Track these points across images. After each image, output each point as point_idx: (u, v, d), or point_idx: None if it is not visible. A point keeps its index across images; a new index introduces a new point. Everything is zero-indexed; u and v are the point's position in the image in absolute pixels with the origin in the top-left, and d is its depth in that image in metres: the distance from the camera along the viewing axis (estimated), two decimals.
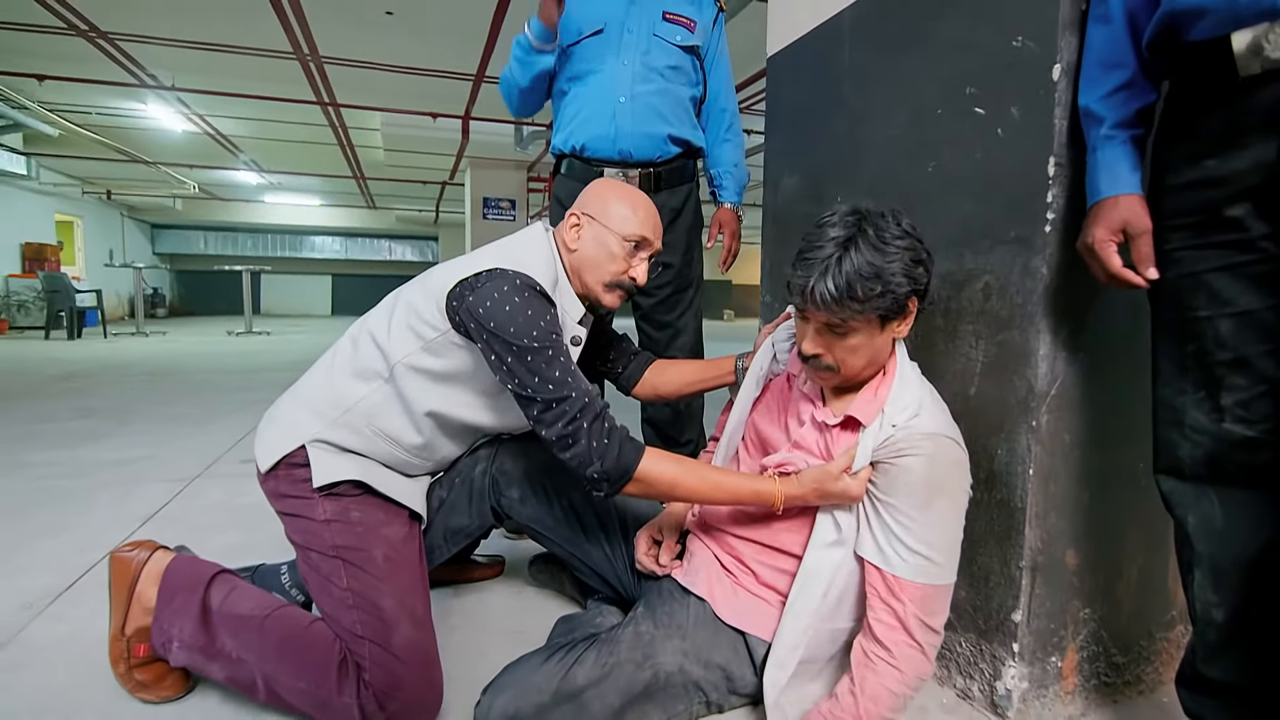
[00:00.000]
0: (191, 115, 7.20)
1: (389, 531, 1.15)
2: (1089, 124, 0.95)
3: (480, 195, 8.77)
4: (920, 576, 0.96)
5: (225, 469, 2.54)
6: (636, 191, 1.25)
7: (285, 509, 1.15)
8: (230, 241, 15.49)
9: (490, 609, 1.48)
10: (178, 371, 5.27)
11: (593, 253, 1.20)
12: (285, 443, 1.14)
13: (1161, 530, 1.20)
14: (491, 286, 1.06)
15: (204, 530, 1.89)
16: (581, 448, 1.04)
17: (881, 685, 0.96)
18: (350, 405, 1.15)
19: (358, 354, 1.17)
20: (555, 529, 1.33)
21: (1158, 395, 0.92)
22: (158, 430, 3.15)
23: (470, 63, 5.47)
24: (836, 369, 1.02)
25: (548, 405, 1.04)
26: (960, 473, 1.00)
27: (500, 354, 1.05)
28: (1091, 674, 1.16)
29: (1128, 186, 0.90)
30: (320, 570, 1.10)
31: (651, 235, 1.22)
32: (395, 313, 1.16)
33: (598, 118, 1.80)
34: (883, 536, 0.99)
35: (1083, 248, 0.94)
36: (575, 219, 1.21)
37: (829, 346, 1.00)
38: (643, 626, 1.06)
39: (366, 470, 1.16)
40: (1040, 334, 1.03)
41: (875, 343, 1.00)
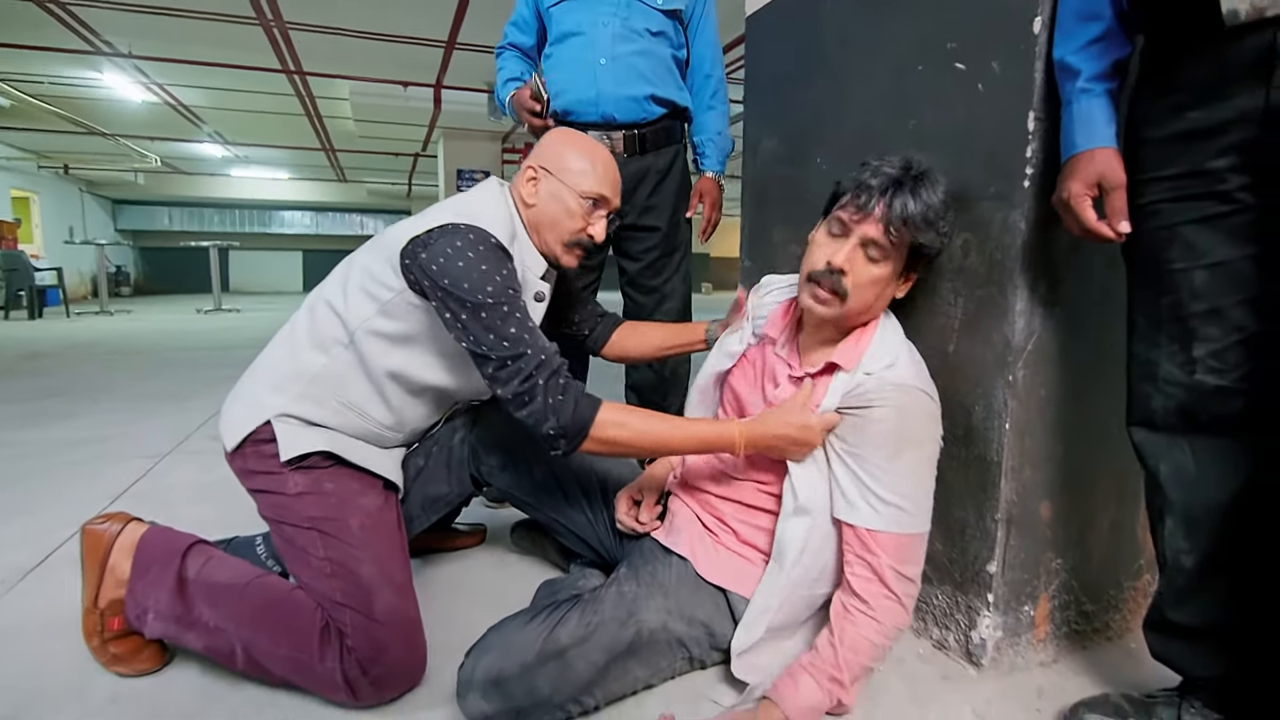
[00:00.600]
0: (150, 85, 6.93)
1: (364, 500, 1.14)
2: (1064, 77, 0.94)
3: (454, 167, 8.59)
4: (893, 526, 0.98)
5: (198, 445, 2.50)
6: (594, 144, 1.22)
7: (256, 486, 1.13)
8: (196, 217, 15.05)
9: (473, 576, 1.48)
10: (146, 350, 5.15)
11: (550, 209, 1.18)
12: (250, 420, 1.12)
13: (1132, 481, 1.23)
14: (444, 242, 1.04)
15: (176, 506, 1.86)
16: (537, 405, 1.02)
17: (860, 636, 0.98)
18: (313, 376, 1.12)
19: (315, 324, 1.15)
20: (536, 494, 1.32)
21: (1132, 350, 0.94)
22: (128, 408, 3.08)
23: (441, 29, 5.32)
24: (846, 294, 1.01)
25: (502, 362, 1.03)
26: (931, 424, 1.02)
27: (454, 311, 1.03)
28: (1062, 622, 1.19)
29: (1103, 140, 0.90)
30: (296, 543, 1.08)
31: (610, 192, 1.20)
32: (350, 277, 1.14)
33: (579, 81, 1.76)
34: (854, 491, 1.00)
35: (1057, 202, 0.95)
36: (531, 172, 1.19)
37: (856, 267, 1.01)
38: (625, 586, 1.06)
39: (335, 442, 1.14)
40: (1018, 289, 1.04)
41: (887, 288, 1.03)
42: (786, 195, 1.56)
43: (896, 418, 0.98)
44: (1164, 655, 0.99)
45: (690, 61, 1.89)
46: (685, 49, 1.87)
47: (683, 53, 1.86)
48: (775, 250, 1.63)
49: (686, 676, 1.10)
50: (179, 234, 14.56)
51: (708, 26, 1.89)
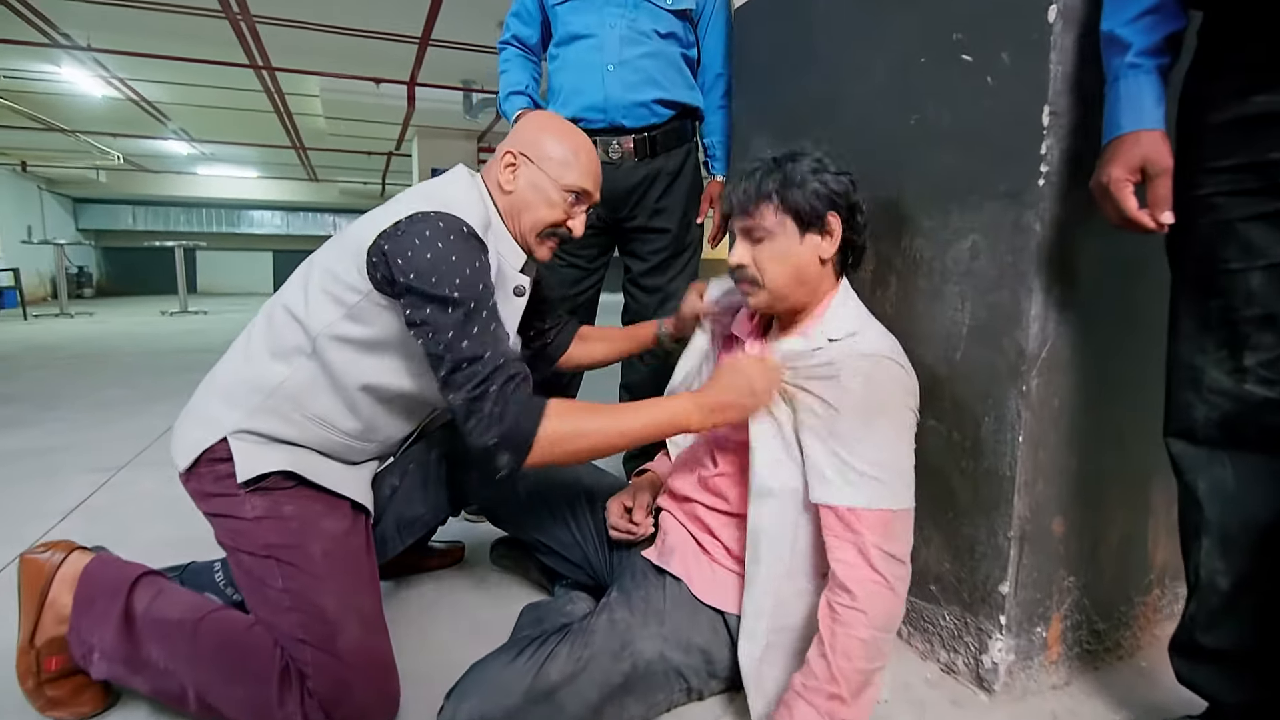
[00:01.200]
0: (112, 79, 6.68)
1: (328, 525, 1.04)
2: (1111, 51, 0.86)
3: (429, 166, 8.43)
4: (874, 501, 0.91)
5: (158, 455, 2.37)
6: (574, 131, 1.15)
7: (211, 510, 1.04)
8: (161, 216, 14.61)
9: (450, 600, 1.39)
10: (107, 354, 4.95)
11: (529, 197, 1.10)
12: (203, 437, 1.02)
13: (1143, 492, 1.18)
14: (412, 232, 0.95)
15: (133, 523, 1.74)
16: (483, 413, 0.93)
17: (851, 636, 0.88)
18: (272, 388, 1.03)
19: (273, 331, 1.05)
20: (519, 512, 1.24)
21: (1174, 353, 0.88)
22: (84, 416, 2.93)
23: (415, 24, 5.18)
24: (760, 281, 1.01)
25: (457, 365, 0.94)
26: (903, 393, 0.97)
27: (416, 305, 0.94)
28: (1074, 642, 1.14)
29: (1151, 121, 0.83)
30: (253, 573, 0.99)
31: (592, 186, 1.13)
32: (311, 279, 1.04)
33: (586, 87, 1.69)
34: (829, 467, 0.93)
35: (1095, 187, 0.87)
36: (510, 157, 1.10)
37: (751, 256, 1.02)
38: (618, 613, 0.98)
39: (298, 460, 1.05)
40: (1032, 294, 0.98)
41: (797, 255, 1.00)
42: None
43: (865, 386, 0.93)
44: (1190, 680, 0.94)
45: (701, 61, 1.81)
46: (696, 48, 1.80)
47: (693, 51, 1.79)
48: None
49: (683, 709, 1.03)
50: (143, 233, 14.13)
51: (719, 25, 1.81)
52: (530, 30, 1.81)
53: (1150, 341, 1.11)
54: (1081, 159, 0.97)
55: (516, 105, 1.78)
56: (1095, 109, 0.97)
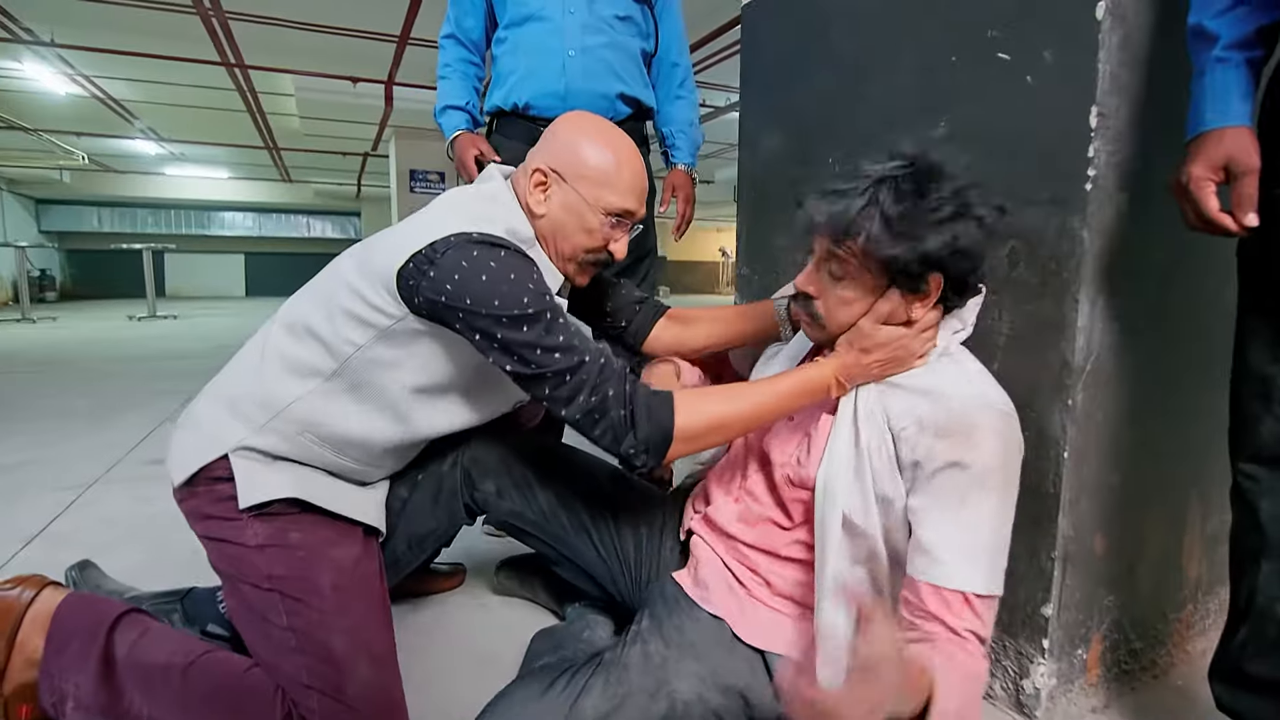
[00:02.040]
0: (76, 76, 6.46)
1: (338, 553, 0.97)
2: (1198, 45, 0.81)
3: (406, 167, 8.29)
4: (990, 589, 0.79)
5: (128, 471, 2.25)
6: (618, 137, 1.00)
7: (208, 532, 0.95)
8: (128, 218, 14.21)
9: (455, 626, 1.31)
10: (71, 361, 4.75)
11: (563, 223, 0.99)
12: (204, 452, 0.94)
13: (1178, 506, 1.15)
14: (456, 255, 0.86)
15: (104, 548, 1.62)
16: (611, 419, 0.87)
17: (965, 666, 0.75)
18: (282, 408, 0.95)
19: (295, 347, 0.96)
20: (539, 525, 1.15)
21: (1245, 363, 0.83)
22: (47, 430, 2.78)
23: (394, 22, 5.08)
24: (822, 320, 0.90)
25: (561, 379, 0.87)
26: (1017, 457, 0.84)
27: (488, 331, 0.86)
28: (1113, 663, 1.10)
29: (1237, 117, 0.78)
30: (254, 607, 0.91)
31: (636, 203, 1.01)
32: (335, 298, 0.94)
33: (544, 72, 1.61)
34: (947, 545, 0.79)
35: (1175, 186, 0.82)
36: (541, 176, 0.98)
37: (822, 289, 0.89)
38: (651, 645, 0.92)
39: (305, 483, 0.97)
40: (1078, 303, 0.94)
41: (873, 310, 0.86)
42: (792, 195, 1.44)
43: (1003, 451, 0.81)
44: (1232, 707, 0.90)
45: (657, 49, 1.76)
46: (653, 39, 1.75)
47: (650, 43, 1.74)
48: (778, 255, 1.51)
49: None
50: (109, 235, 13.72)
51: (673, 12, 1.78)
52: (474, 21, 1.71)
53: (1189, 351, 1.08)
54: (1130, 163, 0.93)
55: (454, 124, 1.70)
56: (1144, 110, 0.94)
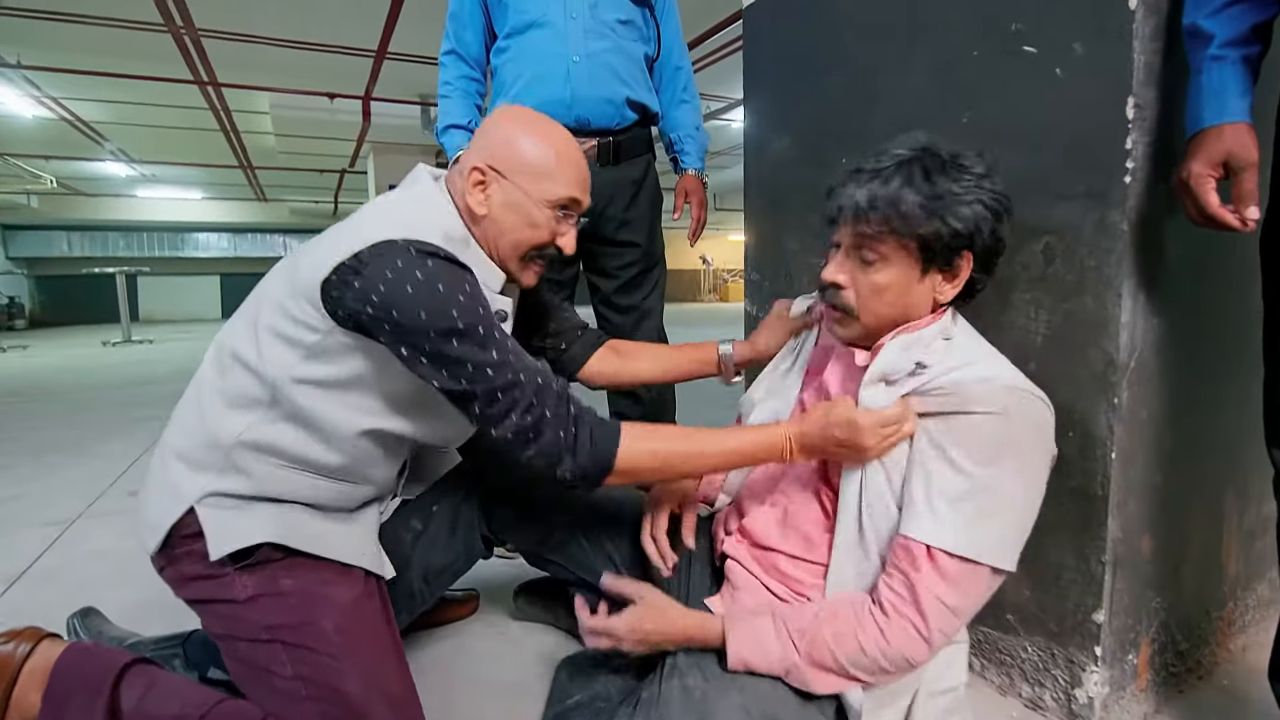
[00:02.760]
0: (44, 98, 6.29)
1: (336, 594, 0.90)
2: (1194, 44, 0.82)
3: (385, 183, 8.17)
4: (963, 549, 0.77)
5: (113, 504, 2.16)
6: (554, 127, 0.97)
7: (195, 596, 0.89)
8: (99, 242, 13.90)
9: (473, 657, 1.25)
10: (46, 391, 4.60)
11: (506, 221, 0.93)
12: (169, 509, 0.87)
13: (1217, 503, 1.13)
14: (382, 264, 0.80)
15: (95, 587, 1.54)
16: (547, 441, 0.83)
17: (854, 632, 0.80)
18: (233, 442, 0.87)
19: (225, 381, 0.89)
20: (560, 550, 1.11)
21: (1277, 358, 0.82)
22: (25, 463, 2.67)
23: (371, 38, 5.01)
24: (854, 312, 0.87)
25: (491, 396, 0.82)
26: (1040, 434, 0.82)
27: (415, 345, 0.81)
28: (1160, 666, 1.07)
29: (1234, 114, 0.78)
30: (255, 662, 0.85)
31: (580, 192, 0.96)
32: (260, 320, 0.88)
33: (548, 79, 1.57)
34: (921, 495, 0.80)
35: (1177, 183, 0.83)
36: (479, 175, 0.91)
37: (853, 277, 0.86)
38: (690, 679, 0.86)
39: (286, 525, 0.89)
40: (1121, 299, 0.91)
41: (909, 293, 0.85)
42: (805, 200, 1.41)
43: (1002, 423, 0.79)
44: None
45: (659, 54, 1.74)
46: (655, 43, 1.72)
47: (651, 47, 1.72)
48: (790, 260, 1.48)
49: None
50: (80, 260, 13.41)
51: (673, 15, 1.76)
52: (473, 35, 1.68)
53: (1224, 344, 1.06)
54: (1168, 155, 0.91)
55: (457, 143, 1.67)
56: (1178, 101, 0.92)
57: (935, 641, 0.80)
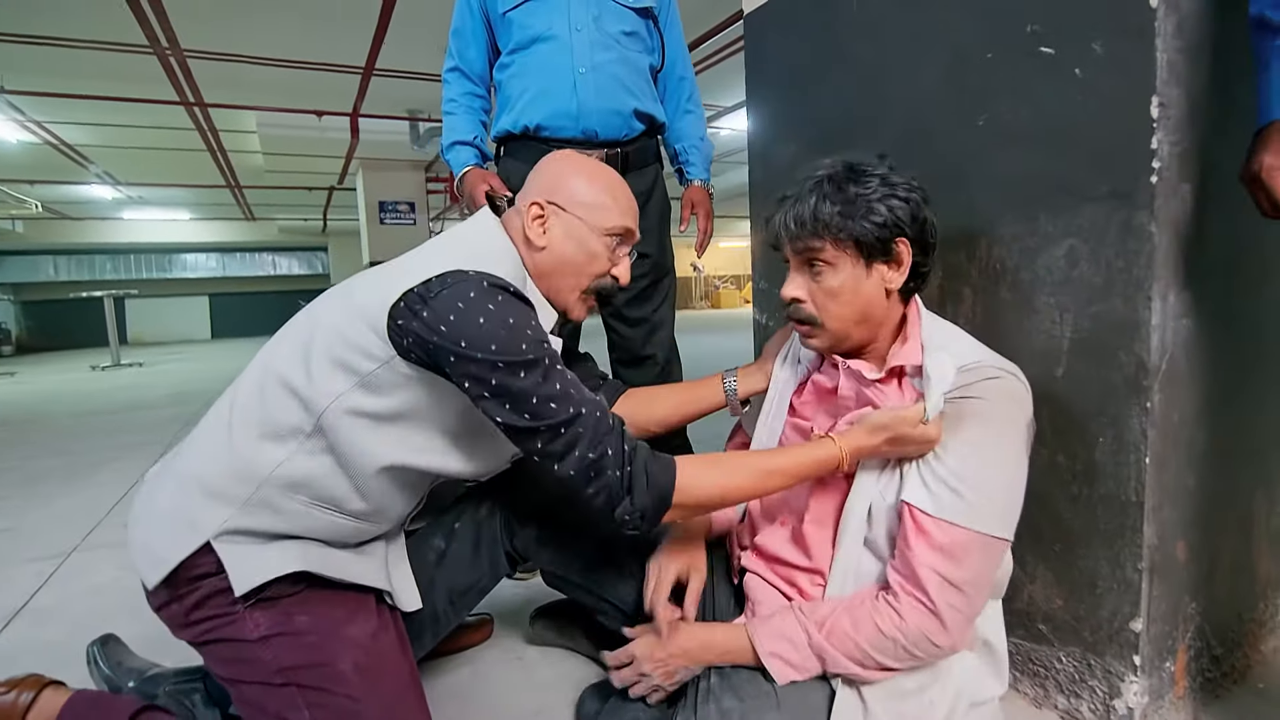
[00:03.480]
0: (27, 123, 6.23)
1: (354, 631, 0.87)
2: (1261, 35, 0.80)
3: (375, 199, 8.17)
4: (945, 513, 0.80)
5: (109, 535, 2.10)
6: (605, 168, 1.03)
7: (198, 638, 0.86)
8: (86, 265, 13.80)
9: (490, 685, 1.22)
10: (35, 419, 4.52)
11: (566, 252, 0.96)
12: (181, 544, 0.83)
13: (1247, 505, 1.11)
14: (452, 294, 0.80)
15: (92, 621, 1.49)
16: (607, 480, 0.81)
17: (870, 617, 0.83)
18: (265, 476, 0.85)
19: (266, 408, 0.86)
20: (584, 570, 1.08)
21: None
22: (15, 494, 2.61)
23: (358, 54, 4.99)
24: (818, 321, 0.91)
25: (555, 432, 0.80)
26: (1009, 404, 0.85)
27: (481, 377, 0.80)
28: (1197, 672, 1.05)
29: None
30: (268, 708, 0.82)
31: (633, 223, 1.01)
32: (314, 345, 0.87)
33: (555, 92, 1.56)
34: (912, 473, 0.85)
35: (1248, 176, 0.81)
36: (538, 209, 0.96)
37: (809, 291, 0.92)
38: (726, 702, 0.84)
39: (308, 555, 0.87)
40: (1151, 301, 0.89)
41: (861, 289, 0.89)
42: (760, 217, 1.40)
43: (982, 403, 0.84)
44: None
45: (663, 64, 1.73)
46: (659, 53, 1.71)
47: (656, 58, 1.70)
48: None
49: None
50: (67, 284, 13.32)
51: (675, 25, 1.75)
52: (476, 52, 1.67)
53: (1253, 344, 1.05)
54: (1192, 154, 0.90)
55: (463, 160, 1.66)
56: (1203, 100, 0.91)
57: (946, 617, 0.80)
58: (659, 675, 0.92)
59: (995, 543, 0.82)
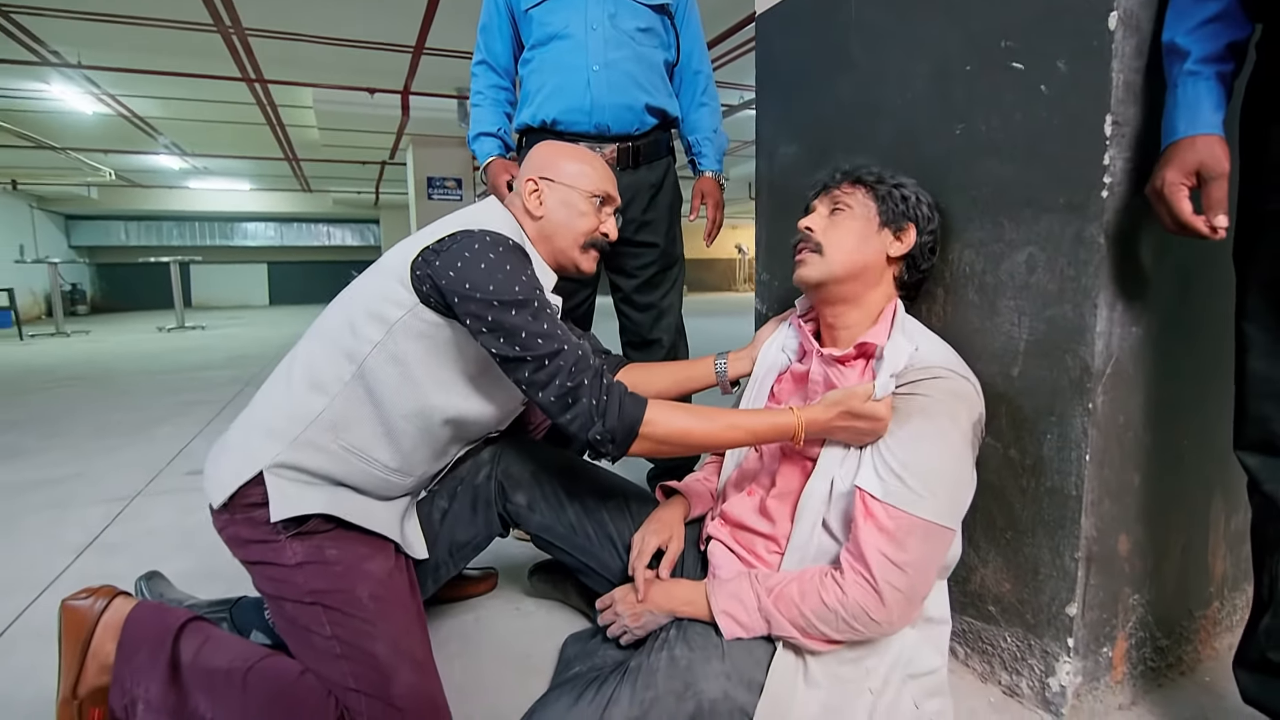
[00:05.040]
0: (102, 95, 6.61)
1: (372, 567, 1.01)
2: (1171, 59, 0.86)
3: (424, 175, 8.38)
4: (890, 498, 0.89)
5: (170, 483, 2.32)
6: (582, 147, 1.22)
7: (249, 557, 1.01)
8: (154, 231, 14.51)
9: (489, 630, 1.36)
10: (106, 375, 4.88)
11: (561, 215, 1.13)
12: (240, 472, 0.99)
13: (1202, 505, 1.16)
14: (460, 246, 0.97)
15: (154, 557, 1.69)
16: (583, 407, 0.95)
17: (816, 589, 0.91)
18: (312, 418, 1.00)
19: (314, 362, 1.04)
20: (567, 537, 1.21)
21: (1249, 367, 0.86)
22: (90, 443, 2.88)
23: (409, 34, 5.14)
24: (820, 249, 1.03)
25: (540, 362, 0.95)
26: (954, 401, 0.93)
27: (480, 314, 0.95)
28: (1138, 660, 1.11)
29: (1207, 126, 0.82)
30: (298, 621, 0.96)
31: (612, 189, 1.18)
32: (353, 306, 1.04)
33: (570, 88, 1.65)
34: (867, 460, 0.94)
35: (1151, 192, 0.87)
36: (533, 184, 1.14)
37: (824, 226, 1.06)
38: (677, 650, 0.95)
39: (336, 500, 1.02)
40: (1097, 308, 0.95)
41: (868, 239, 1.03)
42: None
43: (930, 400, 0.93)
44: (1258, 698, 0.91)
45: (679, 59, 1.80)
46: (674, 49, 1.78)
47: (671, 53, 1.78)
48: None
49: None
50: (137, 249, 14.02)
51: (693, 21, 1.82)
52: (502, 46, 1.77)
53: (1209, 353, 1.09)
54: (1145, 171, 0.95)
55: (487, 150, 1.77)
56: (1156, 120, 0.95)
57: (886, 594, 0.88)
58: (629, 618, 1.04)
59: (936, 529, 0.90)
